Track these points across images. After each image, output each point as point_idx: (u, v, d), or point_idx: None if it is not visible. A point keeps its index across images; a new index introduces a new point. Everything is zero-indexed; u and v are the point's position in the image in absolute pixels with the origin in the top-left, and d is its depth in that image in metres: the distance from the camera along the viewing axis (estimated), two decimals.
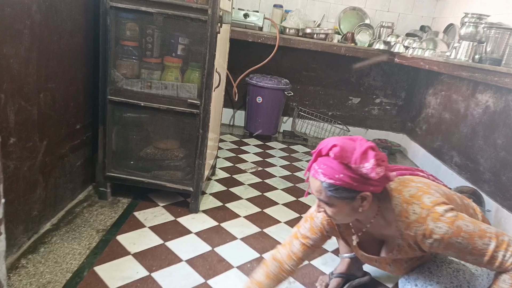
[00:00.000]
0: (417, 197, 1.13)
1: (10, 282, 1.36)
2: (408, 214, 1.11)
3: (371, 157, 1.05)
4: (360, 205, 1.11)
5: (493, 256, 1.06)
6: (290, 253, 1.30)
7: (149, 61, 1.89)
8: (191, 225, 1.89)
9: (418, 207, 1.10)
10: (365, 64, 3.50)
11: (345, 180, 1.06)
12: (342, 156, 1.05)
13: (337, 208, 1.12)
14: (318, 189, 1.11)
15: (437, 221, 1.07)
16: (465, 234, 1.06)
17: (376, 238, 1.28)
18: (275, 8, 3.52)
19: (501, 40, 2.21)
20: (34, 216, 1.59)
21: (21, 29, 1.35)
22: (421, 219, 1.08)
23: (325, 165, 1.08)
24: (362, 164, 1.04)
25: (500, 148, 2.35)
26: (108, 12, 1.74)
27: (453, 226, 1.06)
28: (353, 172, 1.06)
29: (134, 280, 1.46)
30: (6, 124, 1.33)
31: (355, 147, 1.07)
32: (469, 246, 1.07)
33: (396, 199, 1.15)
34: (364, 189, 1.08)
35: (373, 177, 1.05)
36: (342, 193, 1.08)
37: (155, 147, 2.04)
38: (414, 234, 1.11)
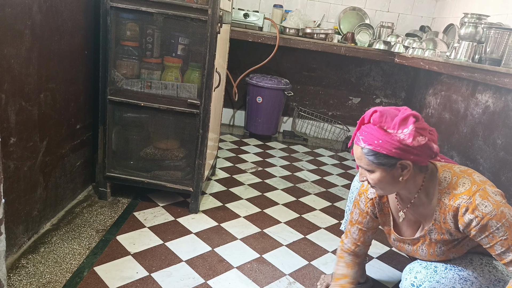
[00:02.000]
0: (468, 173, 1.13)
1: (10, 282, 1.36)
2: (457, 186, 1.10)
3: (411, 123, 1.04)
4: (400, 174, 1.11)
5: None
6: (353, 240, 1.39)
7: (149, 61, 1.89)
8: (191, 225, 1.89)
9: (468, 181, 1.10)
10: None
11: (384, 146, 1.06)
12: (381, 121, 1.07)
13: (377, 175, 1.12)
14: (359, 156, 1.13)
15: (485, 199, 1.05)
16: (506, 222, 1.04)
17: (412, 221, 1.27)
18: (275, 8, 3.52)
19: (501, 40, 2.21)
20: (34, 216, 1.59)
21: (22, 29, 1.36)
22: (470, 192, 1.07)
23: (365, 131, 1.10)
24: (401, 129, 1.05)
25: (500, 148, 2.35)
26: (109, 12, 1.74)
27: (498, 209, 1.05)
28: (392, 138, 1.06)
29: (134, 280, 1.46)
30: (7, 124, 1.34)
31: (397, 114, 1.07)
32: (504, 236, 1.05)
33: (446, 172, 1.15)
34: (403, 156, 1.07)
35: (411, 144, 1.04)
36: (381, 159, 1.08)
37: (155, 147, 2.04)
38: (457, 206, 1.09)
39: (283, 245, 1.84)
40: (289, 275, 1.63)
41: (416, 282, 1.22)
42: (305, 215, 2.17)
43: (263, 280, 1.57)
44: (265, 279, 1.58)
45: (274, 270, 1.64)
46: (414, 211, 1.24)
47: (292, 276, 1.62)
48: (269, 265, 1.67)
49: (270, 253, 1.76)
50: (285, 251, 1.80)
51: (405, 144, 1.05)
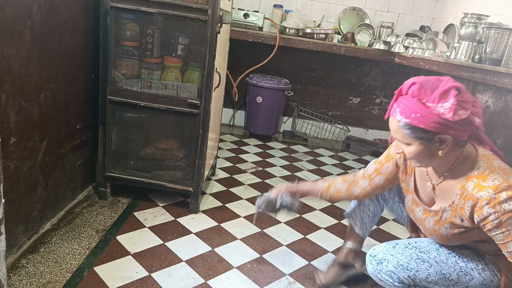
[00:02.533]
0: (505, 172, 1.06)
1: (11, 282, 1.36)
2: (486, 178, 1.05)
3: (452, 97, 1.00)
4: (438, 148, 1.07)
5: None
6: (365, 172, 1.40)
7: (149, 61, 1.89)
8: (191, 225, 1.89)
9: (501, 178, 1.04)
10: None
11: (422, 120, 1.02)
12: (420, 94, 1.03)
13: (414, 148, 1.08)
14: (395, 129, 1.09)
15: (510, 199, 1.01)
16: None
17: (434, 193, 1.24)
18: (275, 8, 3.52)
19: (501, 41, 2.21)
20: (34, 216, 1.59)
21: (22, 29, 1.36)
22: (497, 188, 1.02)
23: (403, 103, 1.06)
24: (441, 103, 1.00)
25: (500, 148, 2.35)
26: (109, 12, 1.74)
27: None
28: (431, 111, 1.01)
29: (134, 280, 1.46)
30: (7, 124, 1.34)
31: (438, 86, 1.03)
32: None
33: (482, 162, 1.10)
34: (442, 131, 1.03)
35: (451, 119, 1.00)
36: (418, 133, 1.05)
37: (155, 147, 2.04)
38: (479, 197, 1.04)
39: (283, 245, 1.84)
40: (289, 275, 1.63)
41: (373, 253, 1.27)
42: (305, 215, 2.17)
43: (263, 280, 1.57)
44: (265, 279, 1.58)
45: (274, 270, 1.64)
46: (439, 186, 1.20)
47: (292, 276, 1.62)
48: (269, 265, 1.67)
49: (270, 253, 1.76)
50: (285, 251, 1.80)
51: (444, 119, 1.01)
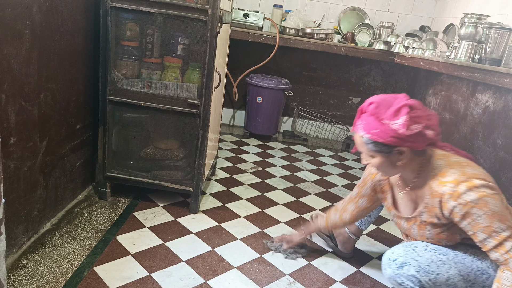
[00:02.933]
0: (461, 165, 1.19)
1: (11, 282, 1.36)
2: (446, 174, 1.17)
3: (404, 114, 1.12)
4: (398, 158, 1.20)
5: (502, 243, 1.11)
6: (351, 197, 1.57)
7: (149, 61, 1.89)
8: (191, 225, 1.89)
9: (458, 172, 1.16)
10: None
11: (380, 135, 1.15)
12: (377, 112, 1.15)
13: (377, 160, 1.23)
14: (359, 143, 1.24)
15: (469, 189, 1.11)
16: (488, 211, 1.10)
17: (410, 200, 1.35)
18: (275, 8, 3.52)
19: (501, 40, 2.21)
20: (34, 216, 1.59)
21: (22, 29, 1.36)
22: (456, 181, 1.14)
23: (364, 121, 1.19)
24: (394, 120, 1.13)
25: (500, 148, 2.35)
26: (109, 12, 1.74)
27: (482, 199, 1.11)
28: (386, 127, 1.14)
29: (134, 280, 1.46)
30: (7, 124, 1.34)
31: (392, 104, 1.15)
32: (485, 223, 1.11)
33: (441, 161, 1.23)
34: (399, 144, 1.15)
35: (404, 133, 1.12)
36: (378, 146, 1.18)
37: (155, 147, 2.04)
38: (442, 193, 1.16)
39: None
40: (289, 275, 1.63)
41: (392, 256, 1.29)
42: (305, 215, 2.17)
43: (263, 280, 1.57)
44: (265, 279, 1.58)
45: (274, 270, 1.64)
46: (412, 193, 1.32)
47: (292, 276, 1.62)
48: (269, 265, 1.67)
49: (270, 253, 1.76)
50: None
51: (399, 133, 1.13)
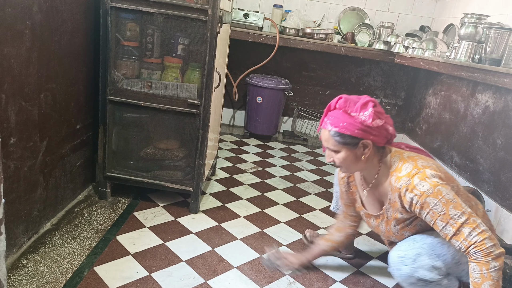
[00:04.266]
0: (413, 159, 1.28)
1: (11, 282, 1.36)
2: (401, 169, 1.27)
3: (370, 107, 1.22)
4: (362, 152, 1.28)
5: (459, 230, 1.17)
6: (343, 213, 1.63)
7: (149, 61, 1.89)
8: (191, 225, 1.89)
9: (411, 165, 1.26)
10: None
11: (348, 127, 1.23)
12: (346, 105, 1.23)
13: (342, 154, 1.28)
14: (326, 138, 1.29)
15: (422, 180, 1.21)
16: (442, 199, 1.19)
17: (375, 199, 1.44)
18: (275, 8, 3.52)
19: (501, 41, 2.21)
20: (34, 216, 1.60)
21: (22, 29, 1.36)
22: (410, 174, 1.23)
23: (332, 116, 1.27)
24: (362, 112, 1.22)
25: (500, 148, 2.35)
26: (109, 12, 1.74)
27: (435, 188, 1.19)
28: (355, 119, 1.23)
29: (134, 280, 1.46)
30: (7, 124, 1.34)
31: (359, 100, 1.25)
32: (442, 211, 1.18)
33: (395, 157, 1.32)
34: (364, 136, 1.24)
35: (371, 124, 1.22)
36: (346, 139, 1.25)
37: (155, 147, 2.04)
38: (399, 187, 1.25)
39: (283, 245, 1.84)
40: (289, 275, 1.63)
41: (401, 254, 1.31)
42: (305, 215, 2.17)
43: (263, 280, 1.57)
44: (265, 279, 1.58)
45: (274, 270, 1.64)
46: (375, 190, 1.41)
47: (292, 276, 1.62)
48: None
49: None
50: (285, 251, 1.80)
51: (366, 125, 1.23)
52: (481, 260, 1.13)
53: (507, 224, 2.18)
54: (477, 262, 1.14)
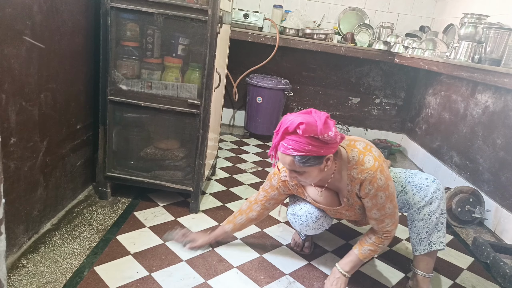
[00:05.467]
0: (368, 150, 1.37)
1: (11, 282, 1.36)
2: (364, 162, 1.34)
3: (332, 125, 1.24)
4: (325, 165, 1.31)
5: (383, 219, 1.41)
6: (257, 199, 1.64)
7: (149, 61, 1.90)
8: (191, 225, 1.89)
9: (371, 158, 1.34)
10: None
11: (314, 150, 1.23)
12: (309, 130, 1.21)
13: (307, 174, 1.31)
14: (291, 163, 1.28)
15: (382, 174, 1.33)
16: (387, 193, 1.36)
17: (330, 193, 1.51)
18: (275, 8, 3.52)
19: (501, 41, 2.22)
20: (34, 216, 1.60)
21: (22, 29, 1.36)
22: (374, 168, 1.33)
23: (293, 141, 1.23)
24: (326, 133, 1.22)
25: (499, 148, 2.36)
26: (109, 12, 1.74)
27: (387, 182, 1.35)
28: (320, 141, 1.23)
29: (134, 280, 1.46)
30: (7, 124, 1.34)
31: (316, 120, 1.23)
32: (382, 204, 1.37)
33: (354, 152, 1.37)
34: (328, 152, 1.27)
35: (338, 141, 1.26)
36: (312, 161, 1.26)
37: (155, 147, 2.04)
38: (363, 178, 1.34)
39: (283, 245, 1.84)
40: (289, 275, 1.63)
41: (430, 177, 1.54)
42: None
43: (263, 280, 1.57)
44: (265, 279, 1.58)
45: (274, 270, 1.65)
46: (331, 186, 1.47)
47: (292, 276, 1.62)
48: (269, 264, 1.68)
49: (270, 253, 1.76)
50: (285, 251, 1.80)
51: (330, 143, 1.24)
52: (380, 238, 1.46)
53: (507, 224, 2.18)
54: (376, 237, 1.47)
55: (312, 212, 1.58)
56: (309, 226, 1.60)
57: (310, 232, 1.64)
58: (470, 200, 2.30)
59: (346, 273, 1.53)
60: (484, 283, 1.78)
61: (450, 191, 2.36)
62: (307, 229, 1.62)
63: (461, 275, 1.81)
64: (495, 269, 1.83)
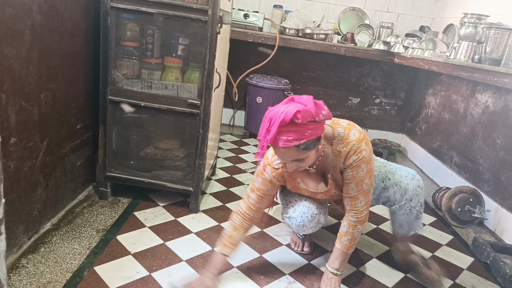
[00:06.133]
0: (351, 125, 1.41)
1: (11, 282, 1.36)
2: (349, 136, 1.37)
3: (322, 104, 1.24)
4: (319, 144, 1.30)
5: (357, 196, 1.41)
6: (249, 204, 1.50)
7: (149, 61, 1.90)
8: (191, 225, 1.89)
9: (356, 131, 1.38)
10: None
11: (313, 133, 1.23)
12: (306, 116, 1.19)
13: (308, 157, 1.29)
14: (293, 154, 1.25)
15: (366, 145, 1.37)
16: (369, 168, 1.38)
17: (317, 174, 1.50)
18: (275, 8, 3.53)
19: (500, 41, 2.22)
20: (34, 216, 1.60)
21: (22, 29, 1.36)
22: (359, 139, 1.36)
23: (292, 132, 1.20)
24: (321, 113, 1.22)
25: (499, 148, 2.36)
26: (109, 12, 1.74)
27: (370, 155, 1.39)
28: (316, 123, 1.23)
29: (134, 280, 1.46)
30: (7, 124, 1.34)
31: (306, 104, 1.21)
32: (361, 178, 1.38)
33: (339, 128, 1.39)
34: (323, 131, 1.28)
35: (330, 118, 1.27)
36: (313, 144, 1.26)
37: (155, 147, 2.04)
38: (348, 150, 1.36)
39: (283, 245, 1.84)
40: (289, 274, 1.63)
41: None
42: None
43: (263, 279, 1.57)
44: (265, 278, 1.58)
45: (274, 269, 1.65)
46: (318, 166, 1.46)
47: (292, 276, 1.62)
48: (269, 264, 1.68)
49: (270, 252, 1.76)
50: (285, 251, 1.80)
51: (323, 121, 1.26)
52: (351, 222, 1.45)
53: (507, 224, 2.18)
54: (349, 223, 1.46)
55: (307, 211, 1.58)
56: (306, 226, 1.60)
57: (308, 231, 1.64)
58: (470, 200, 2.30)
59: (337, 271, 1.53)
60: (484, 283, 1.78)
61: (450, 191, 2.36)
62: (305, 229, 1.62)
63: (461, 275, 1.81)
64: (495, 269, 1.83)
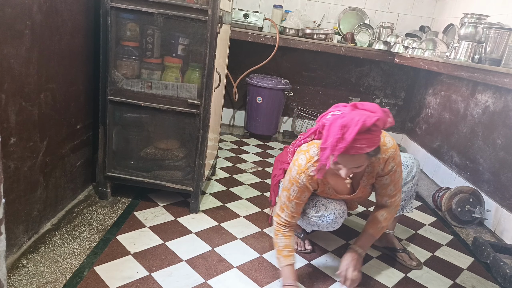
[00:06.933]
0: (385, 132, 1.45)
1: (11, 282, 1.36)
2: (386, 143, 1.44)
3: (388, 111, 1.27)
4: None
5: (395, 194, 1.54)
6: (291, 213, 1.53)
7: (149, 61, 1.90)
8: (191, 225, 1.89)
9: (390, 138, 1.46)
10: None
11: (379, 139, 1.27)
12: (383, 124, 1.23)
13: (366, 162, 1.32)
14: (361, 161, 1.28)
15: (398, 151, 1.48)
16: (400, 169, 1.51)
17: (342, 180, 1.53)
18: (275, 8, 3.52)
19: (501, 40, 2.21)
20: (34, 216, 1.60)
21: (22, 29, 1.36)
22: (394, 146, 1.45)
23: (366, 139, 1.21)
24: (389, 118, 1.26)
25: (500, 148, 2.36)
26: (109, 12, 1.74)
27: (400, 158, 1.50)
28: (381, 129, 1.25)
29: (134, 280, 1.46)
30: (7, 124, 1.34)
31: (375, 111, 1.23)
32: (397, 179, 1.51)
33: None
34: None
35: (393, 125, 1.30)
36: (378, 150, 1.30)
37: (155, 147, 2.04)
38: (387, 157, 1.43)
39: None
40: None
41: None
42: None
43: (263, 280, 1.57)
44: (265, 278, 1.58)
45: (274, 270, 1.65)
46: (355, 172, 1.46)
47: None
48: (269, 265, 1.68)
49: (270, 252, 1.76)
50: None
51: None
52: (391, 213, 1.58)
53: (507, 224, 2.18)
54: (387, 213, 1.58)
55: (339, 208, 1.60)
56: (338, 222, 1.62)
57: (336, 226, 1.64)
58: (470, 200, 2.30)
59: (363, 252, 1.59)
60: (484, 283, 1.77)
61: (450, 191, 2.36)
62: (335, 225, 1.63)
63: (461, 275, 1.81)
64: (495, 269, 1.83)
